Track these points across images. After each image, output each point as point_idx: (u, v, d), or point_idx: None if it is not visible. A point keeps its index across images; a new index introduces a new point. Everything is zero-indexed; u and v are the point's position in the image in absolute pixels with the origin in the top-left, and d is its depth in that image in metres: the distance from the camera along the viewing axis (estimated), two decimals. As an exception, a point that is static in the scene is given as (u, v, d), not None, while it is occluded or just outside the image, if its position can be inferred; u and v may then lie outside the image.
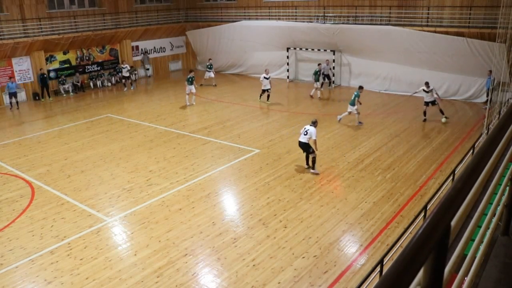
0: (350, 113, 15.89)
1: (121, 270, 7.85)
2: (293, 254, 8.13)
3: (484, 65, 17.62)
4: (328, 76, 21.90)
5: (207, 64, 23.51)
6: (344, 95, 21.40)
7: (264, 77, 18.85)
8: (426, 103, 15.91)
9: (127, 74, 23.42)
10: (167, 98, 21.51)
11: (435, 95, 15.88)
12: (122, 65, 23.57)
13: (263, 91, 19.22)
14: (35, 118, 18.75)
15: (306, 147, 11.73)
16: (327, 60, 21.79)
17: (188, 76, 19.02)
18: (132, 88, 23.44)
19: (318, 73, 19.81)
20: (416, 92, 16.41)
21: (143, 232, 9.13)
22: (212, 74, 23.14)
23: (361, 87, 15.94)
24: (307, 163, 12.05)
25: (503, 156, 2.40)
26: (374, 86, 21.20)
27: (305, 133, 11.60)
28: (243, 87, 23.01)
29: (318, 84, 19.81)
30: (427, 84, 15.79)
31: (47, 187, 11.53)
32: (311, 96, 20.23)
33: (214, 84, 23.31)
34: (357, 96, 15.48)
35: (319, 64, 20.47)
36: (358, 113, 15.77)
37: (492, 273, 2.47)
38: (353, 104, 15.59)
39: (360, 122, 15.94)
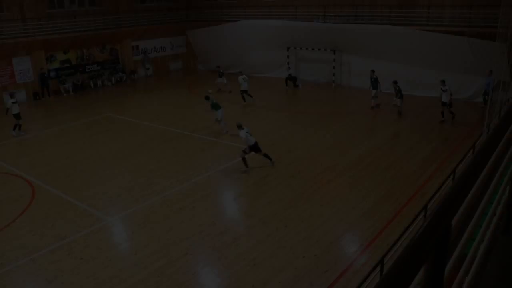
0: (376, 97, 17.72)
1: (122, 270, 7.85)
2: (293, 253, 8.13)
3: (484, 65, 17.59)
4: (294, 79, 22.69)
5: (219, 71, 22.63)
6: (344, 95, 21.41)
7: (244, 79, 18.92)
8: (443, 104, 15.52)
9: (16, 111, 15.81)
10: (167, 98, 21.51)
11: (449, 96, 15.46)
12: (12, 100, 15.94)
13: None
14: (35, 117, 18.74)
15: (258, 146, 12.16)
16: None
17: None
18: (21, 134, 16.02)
19: None
20: (451, 96, 15.80)
21: (143, 232, 9.14)
22: (224, 80, 22.01)
23: (372, 70, 17.80)
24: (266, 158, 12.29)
25: (503, 156, 2.40)
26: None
27: (250, 133, 12.09)
28: (243, 86, 22.91)
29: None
30: (443, 82, 15.46)
31: (48, 186, 11.54)
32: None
33: (229, 90, 22.09)
34: (375, 79, 17.41)
35: None
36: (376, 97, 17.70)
37: (493, 273, 2.47)
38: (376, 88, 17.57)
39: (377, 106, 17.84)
